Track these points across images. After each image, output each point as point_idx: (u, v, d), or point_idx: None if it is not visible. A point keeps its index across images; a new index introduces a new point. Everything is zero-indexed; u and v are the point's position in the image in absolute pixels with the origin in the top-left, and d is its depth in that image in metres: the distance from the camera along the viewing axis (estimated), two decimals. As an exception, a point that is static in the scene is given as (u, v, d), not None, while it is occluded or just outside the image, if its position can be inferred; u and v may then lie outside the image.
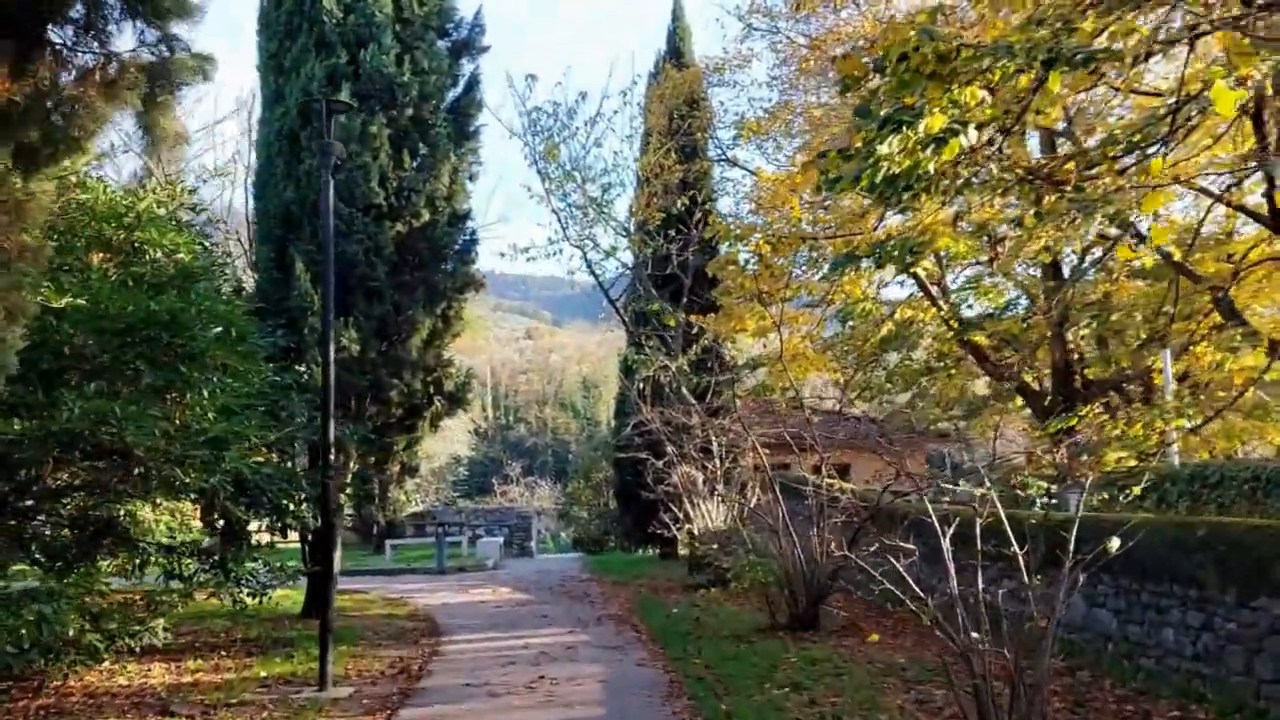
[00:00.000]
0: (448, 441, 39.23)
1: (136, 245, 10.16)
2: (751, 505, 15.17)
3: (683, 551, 24.59)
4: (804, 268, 15.20)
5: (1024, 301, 25.44)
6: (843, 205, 13.44)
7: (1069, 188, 9.06)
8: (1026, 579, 6.34)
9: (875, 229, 11.27)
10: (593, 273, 20.18)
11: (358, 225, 13.76)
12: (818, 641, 11.08)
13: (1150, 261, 19.17)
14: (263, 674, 10.15)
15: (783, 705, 8.08)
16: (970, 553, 6.66)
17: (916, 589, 6.52)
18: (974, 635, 6.27)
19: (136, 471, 8.94)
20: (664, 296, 20.78)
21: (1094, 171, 8.83)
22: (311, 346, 13.28)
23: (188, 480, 9.44)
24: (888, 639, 11.52)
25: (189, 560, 10.89)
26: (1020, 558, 6.37)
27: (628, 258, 21.14)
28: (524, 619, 14.19)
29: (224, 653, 11.50)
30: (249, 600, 11.08)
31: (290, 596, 15.17)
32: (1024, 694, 5.92)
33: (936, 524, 6.62)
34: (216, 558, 11.03)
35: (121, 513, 10.81)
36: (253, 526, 12.62)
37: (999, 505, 6.52)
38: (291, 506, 11.92)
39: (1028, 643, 6.29)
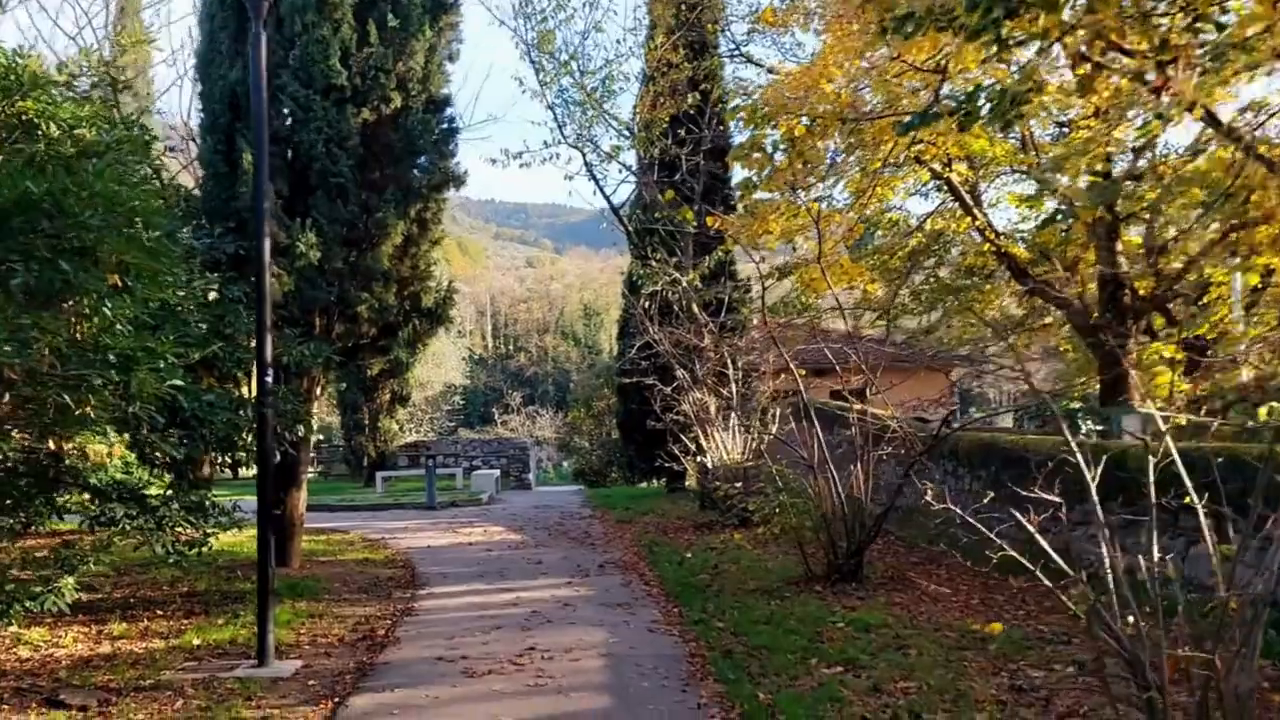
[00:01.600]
0: (442, 369, 37.40)
1: (24, 119, 8.13)
2: (773, 435, 13.34)
3: (691, 484, 22.94)
4: (836, 163, 13.17)
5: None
6: (889, 80, 11.34)
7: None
8: (1210, 541, 4.44)
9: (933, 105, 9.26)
10: (593, 177, 18.12)
11: (316, 110, 11.68)
12: (864, 598, 9.28)
13: (1206, 165, 17.11)
14: (196, 642, 8.37)
15: (839, 693, 6.28)
16: (1131, 506, 4.76)
17: (1060, 560, 4.62)
18: (1129, 620, 4.41)
19: (7, 397, 7.04)
20: (673, 205, 18.73)
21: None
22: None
23: (89, 410, 7.55)
24: (944, 592, 9.76)
25: (115, 504, 9.09)
26: (1202, 510, 4.46)
27: (631, 159, 19.04)
28: (516, 566, 12.42)
29: (160, 611, 9.73)
30: (186, 550, 9.26)
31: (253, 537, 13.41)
32: (1225, 710, 4.06)
33: (1082, 463, 4.69)
34: (152, 501, 9.22)
35: (69, 448, 9.05)
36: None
37: (1170, 440, 4.58)
38: (241, 440, 10.10)
39: (1208, 630, 4.43)
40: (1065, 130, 21.17)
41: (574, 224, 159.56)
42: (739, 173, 21.40)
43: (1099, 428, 18.98)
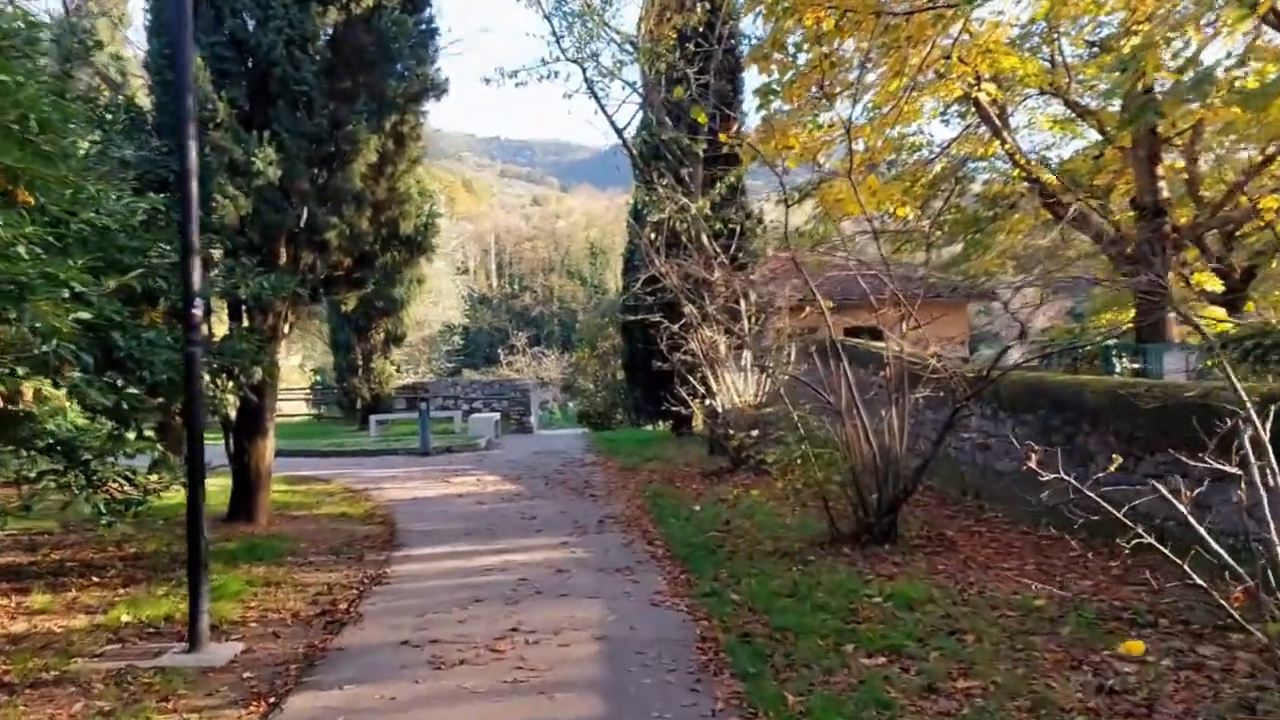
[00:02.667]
0: (440, 307, 36.08)
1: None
2: (792, 375, 12.06)
3: (699, 428, 21.82)
4: (866, 69, 11.72)
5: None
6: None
7: None
8: None
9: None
10: (594, 94, 16.56)
11: (276, 9, 10.27)
12: (901, 564, 8.05)
13: (1252, 82, 15.66)
14: (125, 619, 7.20)
15: (885, 695, 5.06)
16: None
17: (1219, 548, 3.32)
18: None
19: None
20: (680, 130, 17.28)
21: None
22: (217, 170, 9.98)
23: (-21, 348, 6.32)
24: (992, 555, 8.54)
25: (41, 456, 7.89)
26: None
27: (635, 75, 17.53)
28: (507, 522, 11.23)
29: (97, 577, 8.59)
30: (121, 510, 8.08)
31: (223, 489, 12.30)
32: None
33: (1253, 415, 3.38)
34: (84, 453, 8.02)
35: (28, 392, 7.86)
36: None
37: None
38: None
39: None
40: (1096, 51, 19.70)
41: (580, 161, 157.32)
42: (753, 82, 19.90)
43: (1134, 365, 17.74)
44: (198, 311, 6.59)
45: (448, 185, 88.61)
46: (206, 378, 9.24)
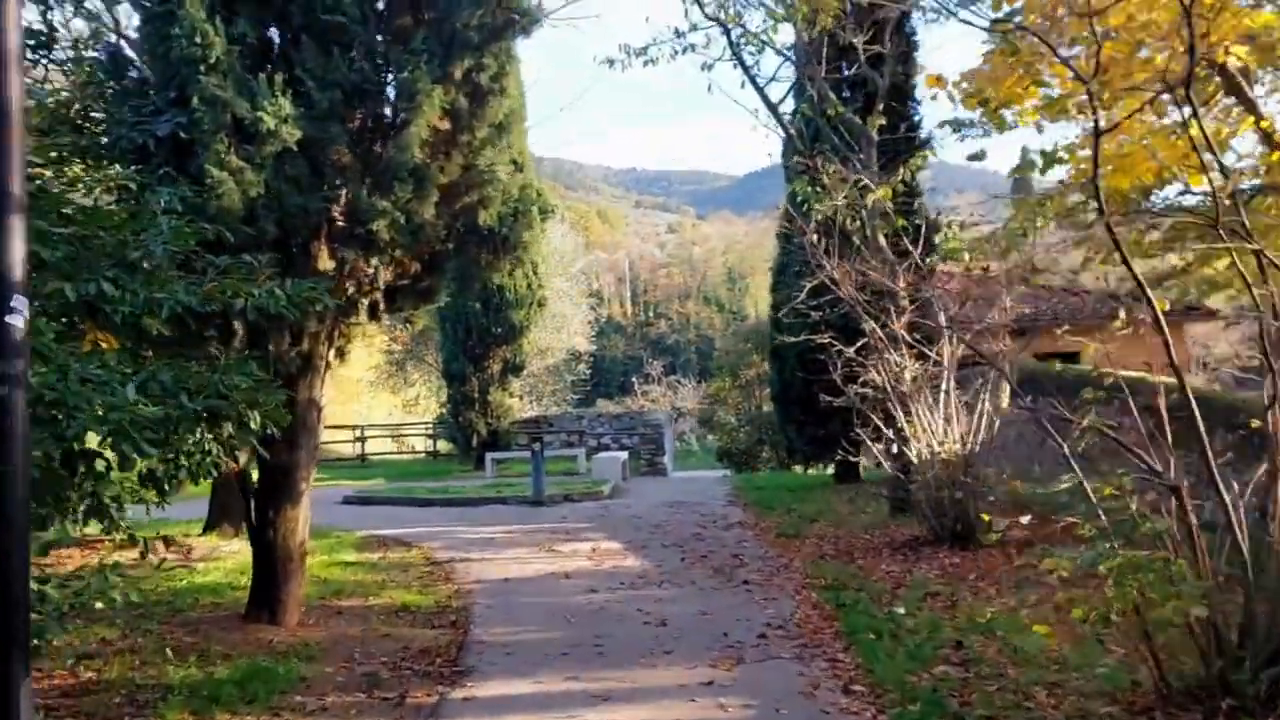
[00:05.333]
0: (563, 333, 33.24)
1: None
2: (1098, 425, 8.42)
3: (868, 474, 18.32)
4: None
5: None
6: None
7: None
8: None
9: None
10: (739, 60, 13.27)
11: (300, -91, 7.42)
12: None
13: None
14: None
15: None
16: None
17: None
18: None
19: None
20: (848, 108, 13.80)
21: None
22: (214, 132, 7.10)
23: None
24: None
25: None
26: None
27: (788, 35, 14.15)
28: (625, 629, 7.85)
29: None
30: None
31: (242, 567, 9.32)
32: None
33: None
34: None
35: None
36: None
37: None
38: (132, 439, 5.85)
39: None
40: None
41: (718, 190, 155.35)
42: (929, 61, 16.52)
43: None
44: (17, 320, 3.45)
45: (583, 215, 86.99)
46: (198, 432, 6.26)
